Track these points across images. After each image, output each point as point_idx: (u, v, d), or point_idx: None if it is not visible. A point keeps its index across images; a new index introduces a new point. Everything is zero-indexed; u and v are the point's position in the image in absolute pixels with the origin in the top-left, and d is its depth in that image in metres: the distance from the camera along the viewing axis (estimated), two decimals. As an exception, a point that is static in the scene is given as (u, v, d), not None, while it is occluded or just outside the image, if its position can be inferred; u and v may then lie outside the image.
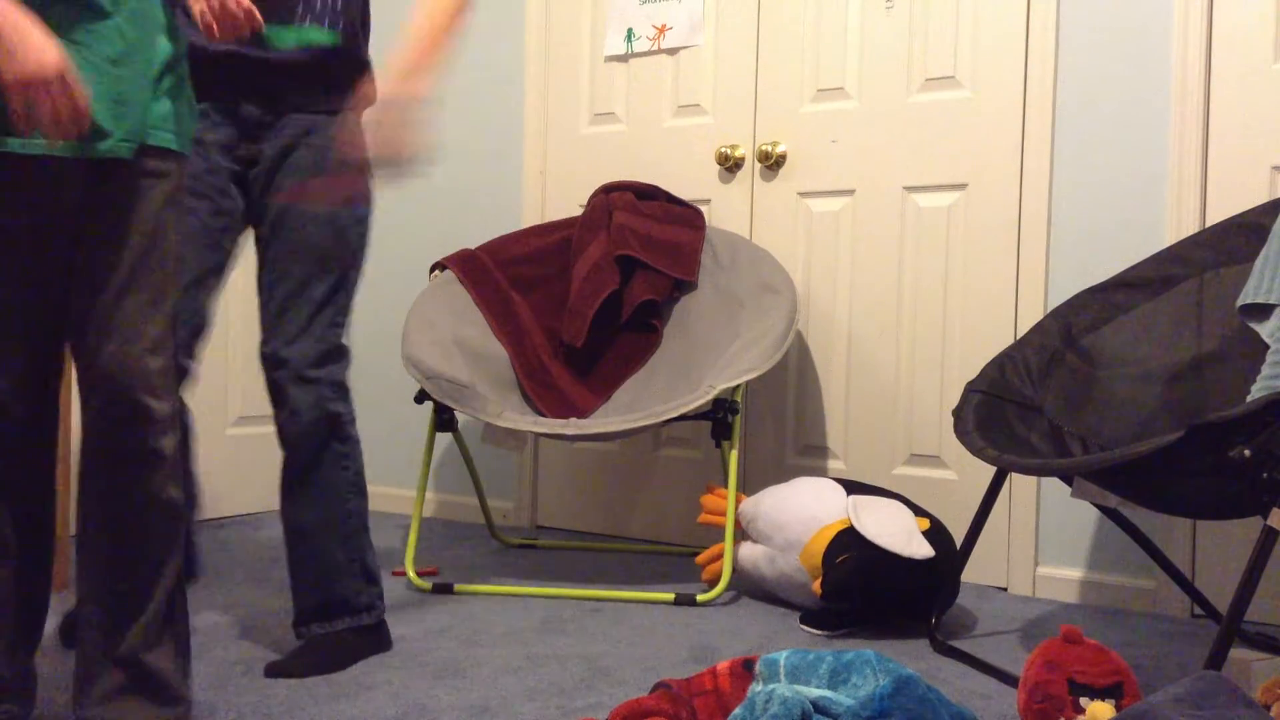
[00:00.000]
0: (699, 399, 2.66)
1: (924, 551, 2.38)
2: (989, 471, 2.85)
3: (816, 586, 2.41)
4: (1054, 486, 2.79)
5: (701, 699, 1.70)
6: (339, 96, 2.11)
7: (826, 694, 1.56)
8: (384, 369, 3.88)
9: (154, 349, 1.58)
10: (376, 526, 3.54)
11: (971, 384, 2.42)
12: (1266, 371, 2.14)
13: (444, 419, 2.90)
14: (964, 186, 2.93)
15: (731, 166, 3.25)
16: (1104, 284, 2.51)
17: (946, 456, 2.95)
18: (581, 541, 3.34)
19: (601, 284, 3.08)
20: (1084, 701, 1.72)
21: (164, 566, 1.61)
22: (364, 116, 2.00)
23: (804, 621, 2.45)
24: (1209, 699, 1.42)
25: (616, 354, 3.16)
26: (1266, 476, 1.71)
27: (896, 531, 2.41)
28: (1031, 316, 2.81)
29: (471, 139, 3.70)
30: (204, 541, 3.24)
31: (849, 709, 1.50)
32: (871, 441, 3.06)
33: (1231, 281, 2.38)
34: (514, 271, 3.23)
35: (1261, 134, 2.56)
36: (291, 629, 2.17)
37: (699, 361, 3.03)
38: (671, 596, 2.64)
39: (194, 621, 2.39)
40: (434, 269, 3.22)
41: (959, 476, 2.93)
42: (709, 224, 3.27)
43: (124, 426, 1.56)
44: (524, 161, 3.60)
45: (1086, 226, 2.76)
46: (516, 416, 2.76)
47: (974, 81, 2.91)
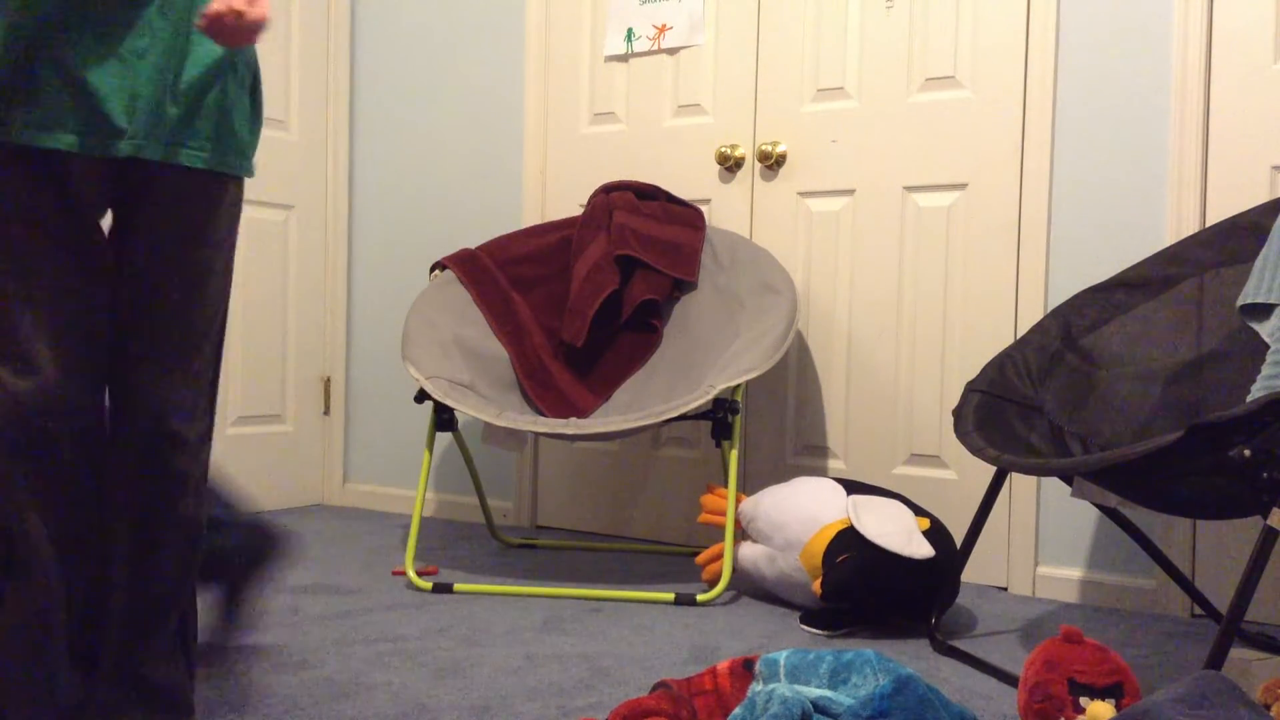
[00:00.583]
0: (699, 399, 2.66)
1: (924, 551, 2.38)
2: (989, 471, 2.85)
3: (816, 586, 2.41)
4: (1054, 486, 2.79)
5: (701, 699, 1.70)
6: None
7: (826, 694, 1.56)
8: (384, 369, 3.88)
9: (190, 380, 1.54)
10: (377, 526, 3.54)
11: (971, 384, 2.42)
12: (1266, 371, 2.14)
13: (444, 419, 2.90)
14: (964, 186, 2.93)
15: (731, 166, 3.25)
16: (1104, 284, 2.51)
17: (946, 456, 2.95)
18: (581, 541, 3.34)
19: (601, 284, 3.08)
20: (1084, 701, 1.72)
21: (184, 585, 1.60)
22: None
23: (804, 621, 2.45)
24: (1209, 699, 1.42)
25: (616, 354, 3.16)
26: (1266, 476, 1.71)
27: (896, 531, 2.41)
28: (1031, 316, 2.81)
29: (471, 139, 3.70)
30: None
31: (849, 709, 1.50)
32: (871, 441, 3.06)
33: (1231, 281, 2.38)
34: (514, 271, 3.23)
35: (1261, 134, 2.56)
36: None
37: (699, 361, 3.03)
38: (671, 596, 2.64)
39: (194, 621, 2.39)
40: (434, 269, 3.22)
41: (959, 476, 2.93)
42: (709, 224, 3.27)
43: (157, 453, 1.52)
44: (524, 161, 3.60)
45: (1086, 226, 2.76)
46: (516, 416, 2.76)
47: (974, 81, 2.91)
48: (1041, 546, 2.81)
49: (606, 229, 3.18)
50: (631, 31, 3.44)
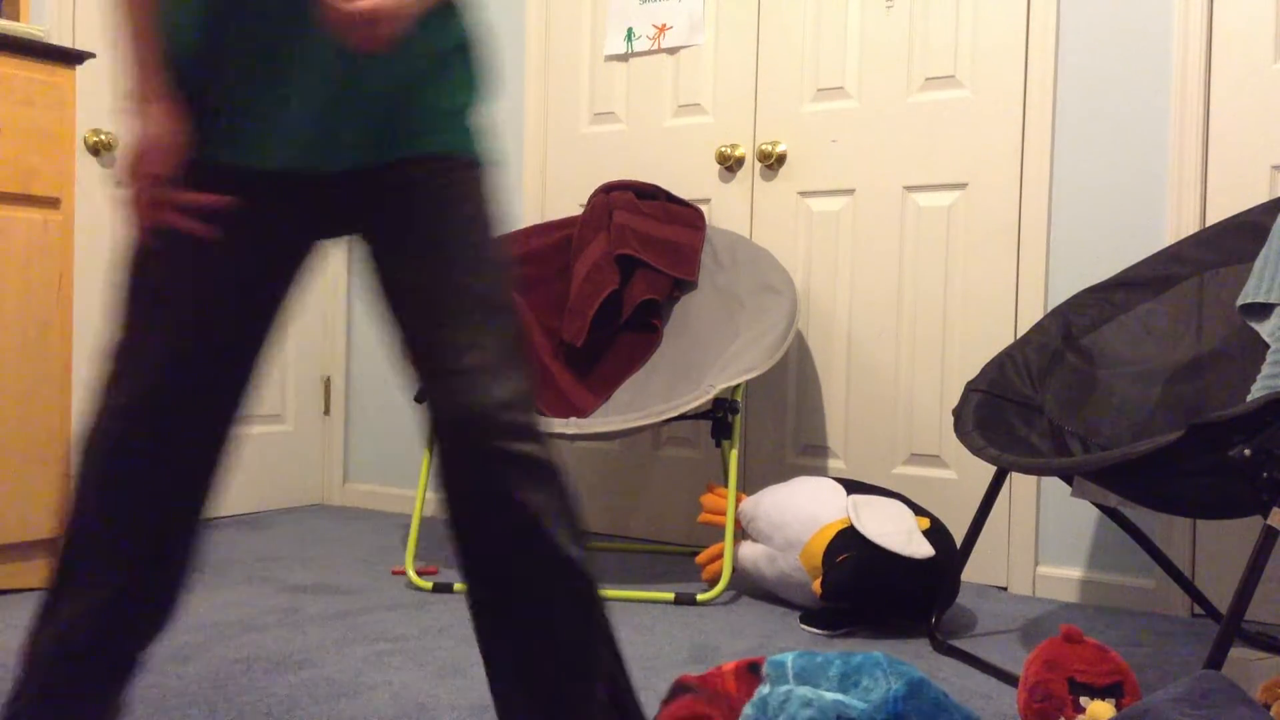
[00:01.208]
0: (699, 398, 2.66)
1: (924, 551, 2.38)
2: (989, 471, 2.85)
3: (816, 586, 2.41)
4: (1054, 486, 2.79)
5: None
6: None
7: (840, 697, 1.55)
8: (384, 369, 3.88)
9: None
10: (377, 526, 3.54)
11: (971, 383, 2.42)
12: (1266, 371, 2.14)
13: (444, 419, 2.90)
14: (964, 186, 2.93)
15: (731, 166, 3.25)
16: (1104, 283, 2.51)
17: (946, 456, 2.95)
18: (581, 541, 3.34)
19: (601, 283, 3.08)
20: (1084, 701, 1.72)
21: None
22: None
23: (804, 621, 2.45)
24: (1209, 698, 1.42)
25: (616, 354, 3.16)
26: (1266, 476, 1.71)
27: (896, 531, 2.41)
28: (1031, 316, 2.81)
29: (471, 139, 3.70)
30: (204, 542, 3.24)
31: (863, 712, 1.49)
32: (871, 441, 3.06)
33: (1231, 281, 2.38)
34: (514, 271, 3.23)
35: (1261, 134, 2.56)
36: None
37: (699, 361, 3.03)
38: (671, 596, 2.64)
39: (194, 621, 2.39)
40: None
41: (959, 476, 2.93)
42: (709, 223, 3.27)
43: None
44: (524, 161, 3.60)
45: (1086, 226, 2.76)
46: (516, 416, 2.75)
47: (974, 81, 2.91)
48: (1041, 546, 2.81)
49: (606, 229, 3.18)
50: (631, 31, 3.44)
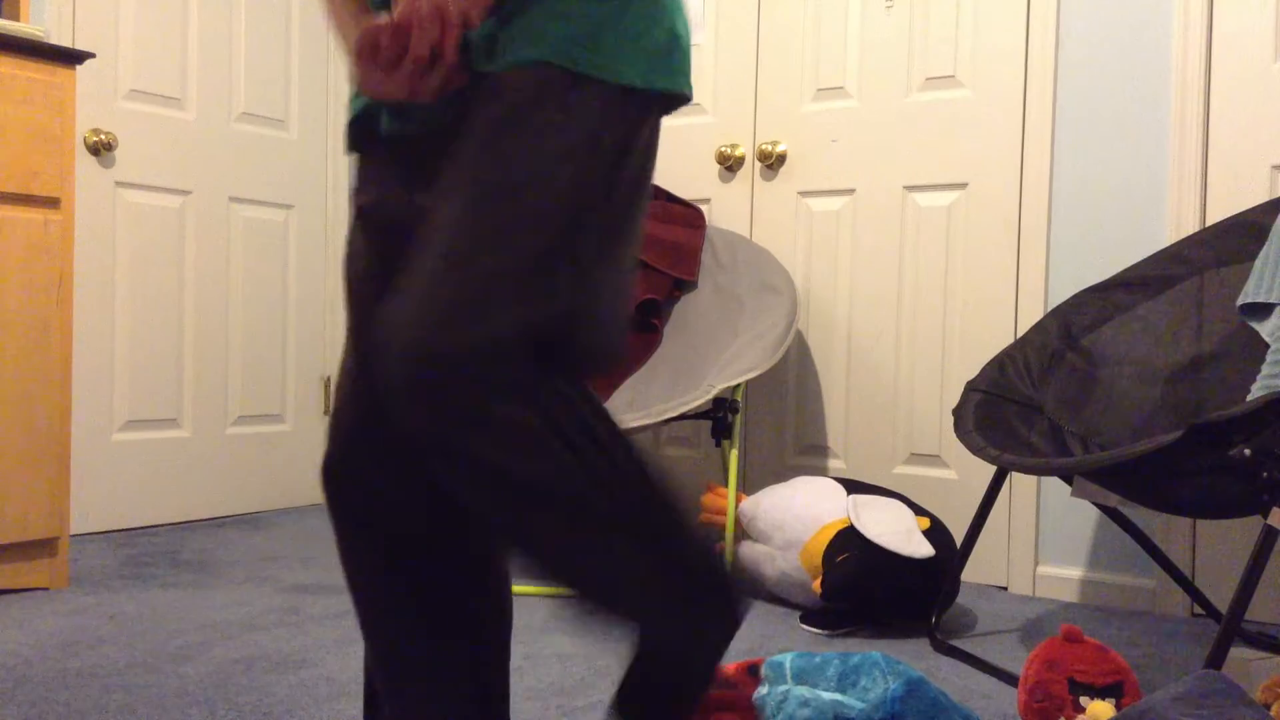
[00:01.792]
0: (699, 398, 2.66)
1: (924, 551, 2.38)
2: (989, 471, 2.85)
3: (816, 586, 2.41)
4: (1054, 486, 2.79)
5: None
6: None
7: (838, 697, 1.55)
8: (384, 369, 3.87)
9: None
10: (376, 526, 3.54)
11: (972, 383, 2.42)
12: (1266, 370, 2.14)
13: (444, 418, 2.90)
14: (964, 186, 2.93)
15: (731, 166, 3.25)
16: (1104, 283, 2.51)
17: (946, 456, 2.95)
18: (581, 541, 3.34)
19: (601, 283, 3.07)
20: (1084, 701, 1.72)
21: None
22: None
23: (804, 621, 2.45)
24: (1209, 698, 1.42)
25: (616, 353, 3.15)
26: (1266, 476, 1.71)
27: (896, 531, 2.41)
28: (1031, 316, 2.81)
29: (471, 139, 3.70)
30: (204, 541, 3.24)
31: (861, 712, 1.50)
32: (871, 441, 3.06)
33: (1231, 280, 2.38)
34: (514, 271, 3.23)
35: (1261, 134, 2.56)
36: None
37: (699, 361, 3.03)
38: (671, 596, 2.63)
39: (194, 621, 2.39)
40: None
41: (959, 476, 2.93)
42: (709, 223, 3.27)
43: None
44: (524, 161, 3.60)
45: (1086, 226, 2.76)
46: (516, 416, 2.75)
47: (974, 81, 2.91)
48: (1041, 546, 2.81)
49: (606, 229, 3.18)
50: (631, 31, 3.43)
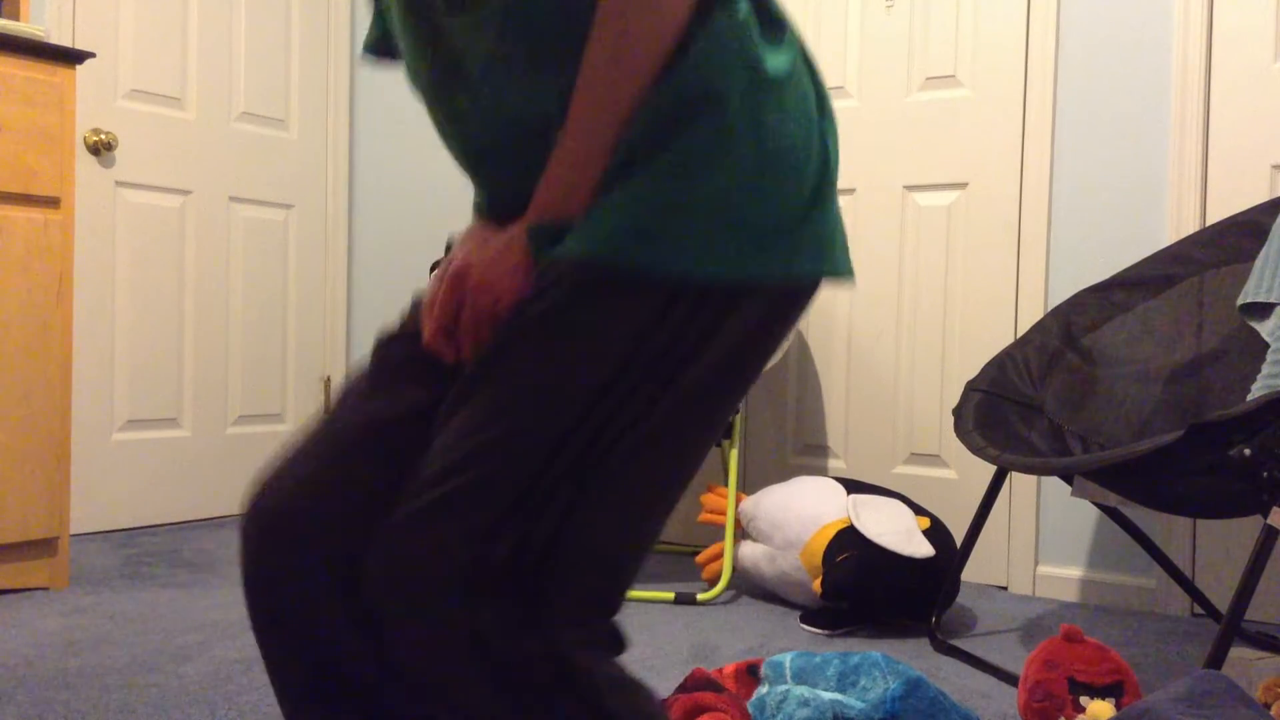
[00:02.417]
0: (699, 398, 2.66)
1: (924, 550, 2.38)
2: (989, 471, 2.85)
3: (816, 585, 2.41)
4: (1054, 485, 2.79)
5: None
6: None
7: (838, 697, 1.56)
8: (384, 368, 3.87)
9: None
10: (376, 526, 3.54)
11: (972, 383, 2.42)
12: (1266, 370, 2.14)
13: (444, 418, 2.90)
14: (964, 185, 2.93)
15: (731, 166, 3.25)
16: (1104, 283, 2.51)
17: (946, 456, 2.95)
18: (581, 541, 3.34)
19: (601, 283, 3.07)
20: (1084, 700, 1.72)
21: None
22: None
23: (804, 620, 2.45)
24: (1209, 698, 1.42)
25: (616, 353, 3.16)
26: (1266, 475, 1.71)
27: (897, 531, 2.41)
28: (1031, 316, 2.81)
29: (471, 138, 3.70)
30: (204, 541, 3.24)
31: (860, 711, 1.50)
32: (871, 441, 3.06)
33: (1231, 280, 2.38)
34: (514, 271, 3.23)
35: (1261, 134, 2.56)
36: None
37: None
38: (671, 596, 2.64)
39: (194, 621, 2.39)
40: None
41: (959, 476, 2.93)
42: (709, 223, 3.26)
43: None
44: (524, 161, 3.60)
45: (1087, 225, 2.76)
46: (516, 416, 2.75)
47: (974, 80, 2.91)
48: (1041, 546, 2.81)
49: (606, 228, 3.18)
50: (631, 31, 3.43)
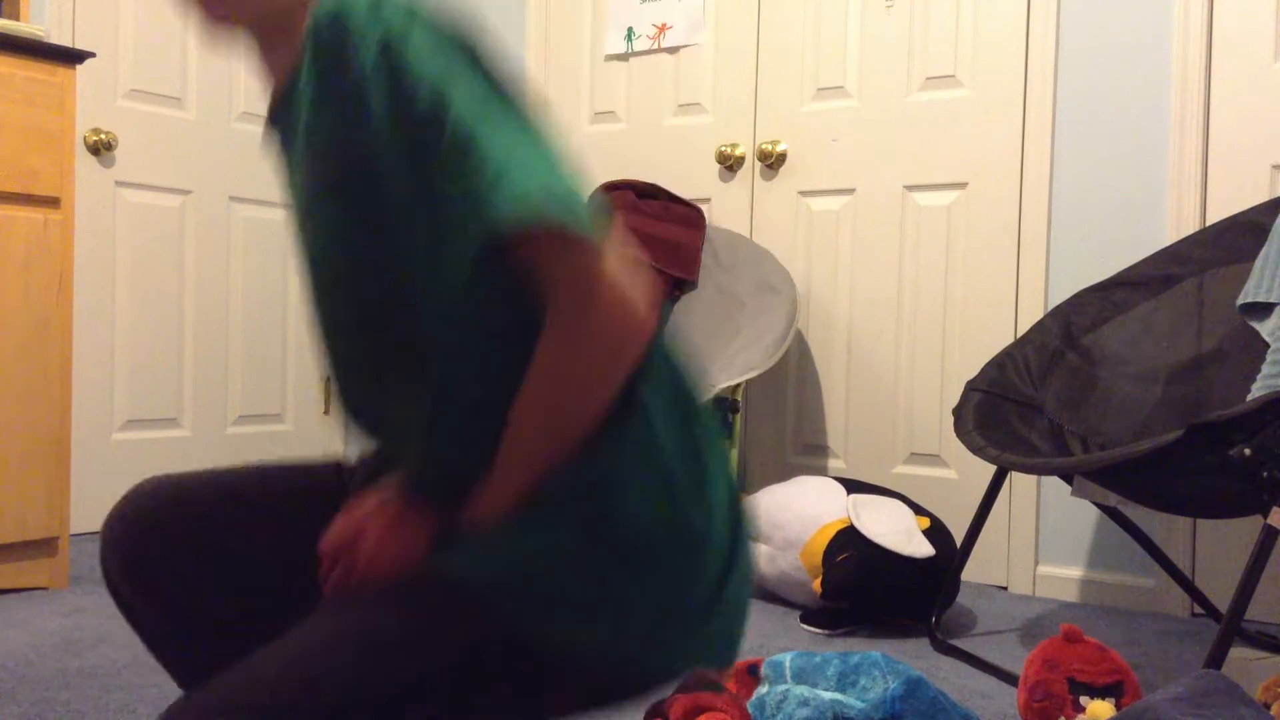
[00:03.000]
0: (699, 398, 2.66)
1: (924, 550, 2.38)
2: (989, 470, 2.85)
3: (816, 585, 2.41)
4: (1054, 485, 2.79)
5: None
6: None
7: (838, 697, 1.55)
8: (384, 368, 3.87)
9: None
10: (376, 526, 3.53)
11: (972, 383, 2.42)
12: (1266, 370, 2.14)
13: (444, 418, 2.90)
14: (964, 185, 2.93)
15: (732, 165, 3.25)
16: (1104, 283, 2.51)
17: (946, 455, 2.95)
18: (581, 541, 3.34)
19: (601, 283, 3.07)
20: (1084, 700, 1.72)
21: None
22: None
23: (804, 620, 2.45)
24: (1209, 697, 1.42)
25: (616, 353, 3.15)
26: (1266, 475, 1.71)
27: (897, 530, 2.41)
28: (1031, 316, 2.81)
29: (471, 138, 3.70)
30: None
31: (860, 711, 1.49)
32: (871, 441, 3.06)
33: (1232, 280, 2.38)
34: (514, 271, 3.23)
35: (1261, 134, 2.56)
36: None
37: (699, 360, 3.03)
38: (671, 595, 2.63)
39: (194, 620, 2.38)
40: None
41: (959, 475, 2.93)
42: (709, 223, 3.27)
43: None
44: (524, 161, 3.60)
45: (1086, 226, 2.76)
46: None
47: (974, 81, 2.91)
48: (1041, 546, 2.81)
49: (606, 228, 3.18)
50: (632, 31, 3.44)
